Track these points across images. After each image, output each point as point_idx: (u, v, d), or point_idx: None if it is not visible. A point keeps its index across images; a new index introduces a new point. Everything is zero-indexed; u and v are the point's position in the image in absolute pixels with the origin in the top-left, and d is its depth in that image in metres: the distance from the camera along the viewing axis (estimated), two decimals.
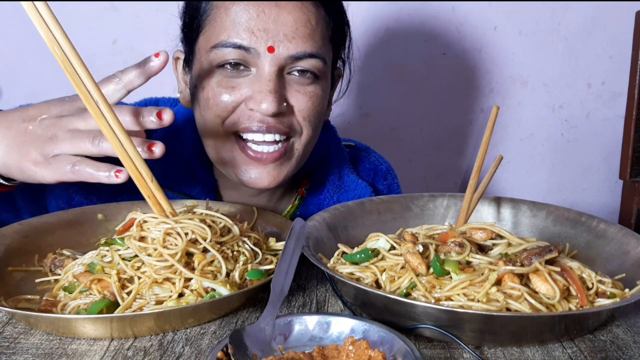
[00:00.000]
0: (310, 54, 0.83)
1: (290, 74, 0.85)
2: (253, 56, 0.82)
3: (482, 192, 0.81)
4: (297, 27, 0.82)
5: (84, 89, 0.63)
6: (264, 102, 0.81)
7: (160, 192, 0.69)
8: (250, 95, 0.83)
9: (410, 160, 1.32)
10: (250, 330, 0.55)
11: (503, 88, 1.62)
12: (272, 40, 0.81)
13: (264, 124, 0.83)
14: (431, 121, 1.63)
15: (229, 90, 0.83)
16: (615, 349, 0.60)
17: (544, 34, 1.58)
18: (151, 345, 0.59)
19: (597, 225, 0.79)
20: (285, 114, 0.85)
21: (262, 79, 0.82)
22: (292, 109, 0.85)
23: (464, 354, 0.59)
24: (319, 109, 0.89)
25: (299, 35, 0.82)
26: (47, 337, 0.60)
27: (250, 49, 0.81)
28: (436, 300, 0.62)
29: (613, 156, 1.68)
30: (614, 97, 1.64)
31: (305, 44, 0.83)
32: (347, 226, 0.82)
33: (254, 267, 0.70)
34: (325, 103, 0.93)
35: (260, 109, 0.81)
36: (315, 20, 0.84)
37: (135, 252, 0.66)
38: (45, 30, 0.62)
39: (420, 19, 1.55)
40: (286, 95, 0.85)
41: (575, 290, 0.63)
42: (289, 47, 0.82)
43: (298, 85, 0.85)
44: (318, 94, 0.87)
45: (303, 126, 0.87)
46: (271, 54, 0.81)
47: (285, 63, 0.83)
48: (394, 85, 1.57)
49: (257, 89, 0.82)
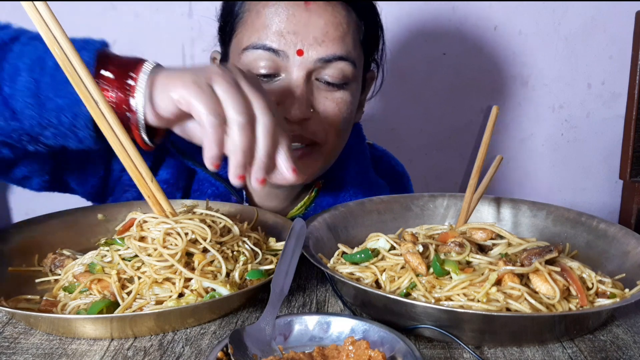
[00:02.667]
0: (340, 56, 0.84)
1: (318, 80, 0.85)
2: (282, 59, 0.83)
3: (482, 192, 0.81)
4: (328, 30, 0.83)
5: (83, 89, 0.63)
6: (292, 109, 0.82)
7: (160, 192, 0.68)
8: (278, 102, 0.83)
9: (410, 160, 1.33)
10: (250, 330, 0.55)
11: (503, 88, 1.62)
12: (301, 44, 0.82)
13: (291, 132, 0.83)
14: (431, 121, 1.63)
15: None
16: (615, 349, 0.60)
17: (544, 34, 1.58)
18: (151, 345, 0.59)
19: (597, 225, 0.79)
20: (311, 119, 0.86)
21: (291, 85, 0.83)
22: (319, 115, 0.86)
23: (464, 354, 0.59)
24: (346, 115, 0.89)
25: (329, 38, 0.83)
26: (47, 337, 0.60)
27: (280, 52, 0.82)
28: (436, 300, 0.62)
29: (613, 156, 1.68)
30: (614, 97, 1.64)
31: (335, 46, 0.83)
32: (347, 226, 0.82)
33: (254, 267, 0.70)
34: (354, 108, 0.93)
35: (288, 116, 0.82)
36: (346, 23, 0.85)
37: (135, 252, 0.66)
38: (45, 30, 0.62)
39: (420, 19, 1.55)
40: (313, 101, 0.85)
41: (575, 290, 0.63)
42: (318, 50, 0.83)
43: (326, 92, 0.86)
44: (346, 100, 0.88)
45: (328, 132, 0.88)
46: (300, 57, 0.82)
47: (314, 67, 0.84)
48: (394, 85, 1.57)
49: (285, 95, 0.83)
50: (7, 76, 0.65)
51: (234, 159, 0.61)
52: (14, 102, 0.65)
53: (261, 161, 0.62)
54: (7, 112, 0.66)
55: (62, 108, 0.65)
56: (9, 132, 0.67)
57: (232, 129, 0.60)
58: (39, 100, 0.65)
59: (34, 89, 0.65)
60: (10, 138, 0.68)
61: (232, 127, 0.60)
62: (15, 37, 0.68)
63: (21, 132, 0.67)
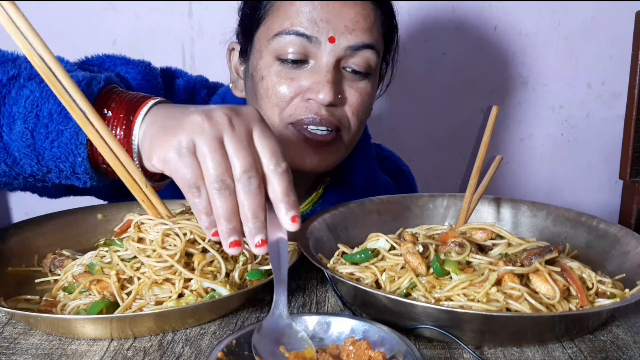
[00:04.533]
0: (368, 44, 0.88)
1: (345, 69, 0.89)
2: (314, 45, 0.86)
3: (482, 193, 0.81)
4: (358, 19, 0.87)
5: (68, 99, 0.61)
6: (321, 92, 0.85)
7: (155, 196, 0.67)
8: (308, 87, 0.86)
9: (410, 160, 1.33)
10: (266, 324, 0.55)
11: (503, 88, 1.62)
12: (333, 31, 0.85)
13: (318, 116, 0.87)
14: (431, 121, 1.63)
15: (288, 81, 0.87)
16: (615, 349, 0.60)
17: (544, 34, 1.57)
18: (151, 345, 0.59)
19: (597, 225, 0.79)
20: (337, 106, 0.89)
21: (321, 70, 0.86)
22: (345, 102, 0.89)
23: (464, 354, 0.59)
24: (367, 106, 0.93)
25: (359, 27, 0.86)
26: (47, 338, 0.60)
27: (312, 38, 0.85)
28: (436, 300, 0.62)
29: (613, 156, 1.67)
30: (614, 97, 1.64)
31: (364, 35, 0.87)
32: (347, 226, 0.82)
33: (254, 267, 0.70)
34: (373, 101, 0.97)
35: (317, 99, 0.85)
36: (373, 16, 0.89)
37: (135, 254, 0.65)
38: (22, 41, 0.59)
39: (420, 19, 1.55)
40: (341, 88, 0.89)
41: (575, 290, 0.63)
42: (348, 38, 0.86)
43: (351, 81, 0.90)
44: (368, 91, 0.91)
45: (351, 120, 0.91)
46: (332, 44, 0.85)
47: (343, 54, 0.87)
48: (394, 85, 1.56)
49: (315, 80, 0.86)
50: (6, 122, 0.64)
51: (220, 228, 0.56)
52: (13, 150, 0.65)
53: (251, 223, 0.56)
54: (8, 159, 0.66)
55: (59, 158, 0.65)
56: (14, 175, 0.68)
57: (211, 196, 0.56)
58: (36, 151, 0.65)
59: (29, 139, 0.64)
60: (16, 180, 0.69)
61: (210, 194, 0.56)
62: (13, 76, 0.66)
63: (26, 175, 0.68)
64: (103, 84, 0.67)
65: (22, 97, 0.64)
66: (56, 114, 0.63)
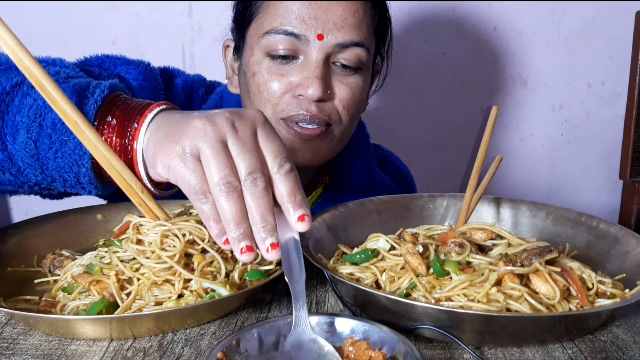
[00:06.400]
0: (357, 42, 0.88)
1: (334, 64, 0.89)
2: (303, 43, 0.86)
3: (482, 193, 0.81)
4: (346, 16, 0.87)
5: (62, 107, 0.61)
6: (310, 87, 0.85)
7: (151, 201, 0.67)
8: (297, 82, 0.87)
9: (410, 160, 1.33)
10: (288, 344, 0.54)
11: (503, 88, 1.62)
12: (321, 29, 0.86)
13: (308, 112, 0.87)
14: (431, 121, 1.63)
15: (278, 77, 0.88)
16: (616, 349, 0.60)
17: (544, 34, 1.57)
18: (151, 345, 0.59)
19: (597, 225, 0.79)
20: (327, 102, 0.89)
21: (310, 66, 0.87)
22: (334, 97, 0.90)
23: (464, 354, 0.58)
24: (358, 100, 0.93)
25: (347, 24, 0.87)
26: (47, 338, 0.60)
27: (301, 36, 0.86)
28: (436, 300, 0.62)
29: (613, 156, 1.67)
30: (614, 97, 1.64)
31: (352, 32, 0.87)
32: (347, 226, 0.82)
33: (254, 267, 0.70)
34: (365, 95, 0.97)
35: (306, 94, 0.86)
36: (362, 11, 0.89)
37: (134, 255, 0.65)
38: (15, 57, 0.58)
39: (420, 19, 1.55)
40: (330, 83, 0.89)
41: (575, 290, 0.63)
42: (337, 35, 0.86)
43: (341, 76, 0.90)
44: (359, 86, 0.91)
45: (342, 115, 0.91)
46: (320, 41, 0.86)
47: (332, 51, 0.87)
48: (394, 85, 1.57)
49: (304, 75, 0.86)
50: (9, 131, 0.64)
51: (230, 235, 0.54)
52: (17, 160, 0.65)
53: (260, 227, 0.54)
54: (13, 169, 0.66)
55: (63, 168, 0.65)
56: (19, 184, 0.68)
57: (217, 199, 0.54)
58: (40, 162, 0.65)
59: (33, 149, 0.64)
60: (22, 189, 0.69)
61: (216, 198, 0.54)
62: (17, 83, 0.66)
63: (31, 184, 0.68)
64: (107, 92, 0.67)
65: (25, 106, 0.64)
66: (60, 123, 0.63)
